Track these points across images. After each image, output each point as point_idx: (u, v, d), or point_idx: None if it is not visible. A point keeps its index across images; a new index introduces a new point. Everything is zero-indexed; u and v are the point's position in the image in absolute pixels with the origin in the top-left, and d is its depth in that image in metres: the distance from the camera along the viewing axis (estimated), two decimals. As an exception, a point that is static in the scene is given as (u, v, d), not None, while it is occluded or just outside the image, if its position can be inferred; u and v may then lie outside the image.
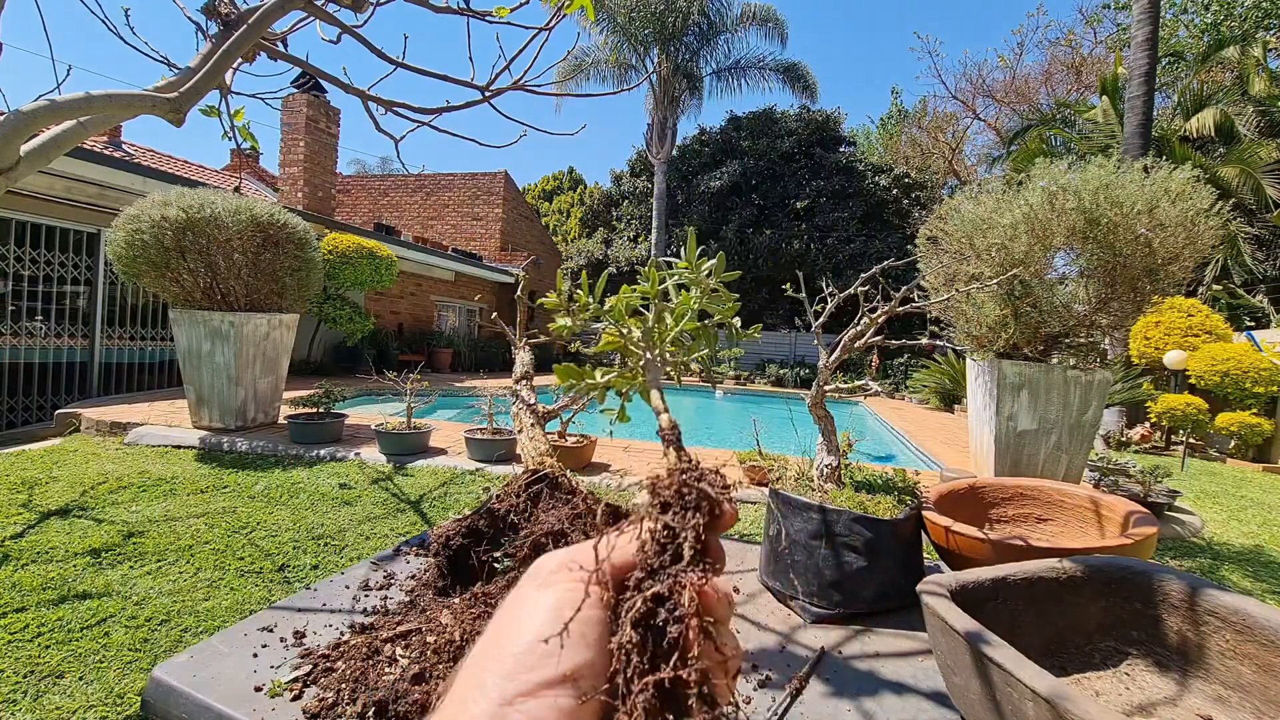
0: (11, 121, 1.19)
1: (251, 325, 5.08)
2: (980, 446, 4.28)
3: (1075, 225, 3.53)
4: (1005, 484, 1.88)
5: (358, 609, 1.34)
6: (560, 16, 2.01)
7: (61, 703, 1.73)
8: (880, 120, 30.63)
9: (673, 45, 17.72)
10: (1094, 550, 1.31)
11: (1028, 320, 3.82)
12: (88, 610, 2.20)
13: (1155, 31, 8.52)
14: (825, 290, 2.10)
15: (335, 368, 10.70)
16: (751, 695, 1.09)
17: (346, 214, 18.64)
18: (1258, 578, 3.12)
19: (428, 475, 4.13)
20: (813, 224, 19.83)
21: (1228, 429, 7.03)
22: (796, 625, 1.42)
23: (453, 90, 2.12)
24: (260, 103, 2.25)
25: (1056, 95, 21.61)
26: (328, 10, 1.73)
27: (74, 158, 6.39)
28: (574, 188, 31.61)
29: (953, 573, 1.12)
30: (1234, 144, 12.55)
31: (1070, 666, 1.11)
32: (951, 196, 4.83)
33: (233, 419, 5.08)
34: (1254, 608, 0.98)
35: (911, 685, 1.15)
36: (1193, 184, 3.46)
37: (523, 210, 19.62)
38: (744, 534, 3.26)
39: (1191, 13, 18.77)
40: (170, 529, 2.99)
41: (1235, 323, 11.48)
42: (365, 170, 35.10)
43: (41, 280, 6.73)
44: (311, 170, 11.36)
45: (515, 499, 1.54)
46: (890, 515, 1.52)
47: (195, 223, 4.83)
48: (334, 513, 3.35)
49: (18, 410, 6.52)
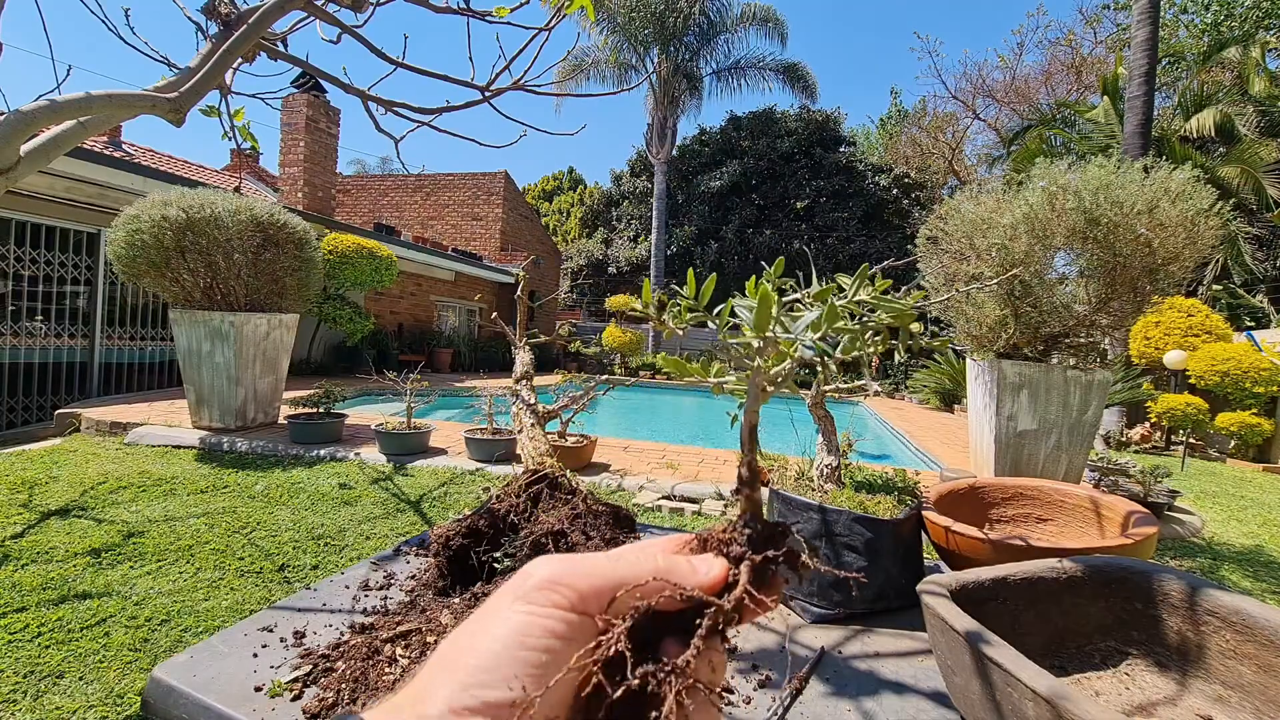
0: (11, 121, 1.19)
1: (251, 325, 5.08)
2: (980, 446, 4.28)
3: (1075, 225, 3.53)
4: (1005, 484, 1.88)
5: (358, 609, 1.34)
6: (560, 16, 2.01)
7: (61, 703, 1.73)
8: (880, 120, 30.63)
9: (673, 45, 17.72)
10: (1094, 550, 1.31)
11: (1028, 320, 3.82)
12: (88, 610, 2.20)
13: (1155, 32, 8.52)
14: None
15: (335, 368, 10.70)
16: (751, 695, 1.09)
17: (346, 214, 18.63)
18: (1258, 578, 3.12)
19: (428, 475, 4.13)
20: (813, 224, 19.83)
21: (1228, 429, 7.03)
22: (796, 625, 1.42)
23: (453, 90, 2.12)
24: (260, 103, 2.25)
25: (1056, 95, 21.59)
26: (328, 10, 1.73)
27: (74, 158, 6.39)
28: (574, 188, 31.61)
29: (953, 573, 1.12)
30: (1234, 144, 12.55)
31: (1070, 666, 1.11)
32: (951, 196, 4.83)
33: (233, 419, 5.08)
34: (1254, 608, 0.98)
35: (911, 685, 1.15)
36: (1193, 184, 3.46)
37: (523, 210, 19.61)
38: (744, 534, 3.26)
39: (1191, 13, 18.77)
40: (170, 529, 2.99)
41: (1235, 323, 11.49)
42: (365, 170, 35.11)
43: (41, 280, 6.73)
44: (311, 170, 11.36)
45: (515, 499, 1.54)
46: (890, 515, 1.52)
47: (195, 223, 4.83)
48: (334, 513, 3.35)
49: (18, 410, 6.52)
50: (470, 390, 9.37)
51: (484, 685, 0.25)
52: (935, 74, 30.20)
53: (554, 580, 0.29)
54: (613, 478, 4.24)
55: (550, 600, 0.28)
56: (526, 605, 0.28)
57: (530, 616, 0.27)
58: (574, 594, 0.28)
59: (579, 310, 24.06)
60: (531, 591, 0.28)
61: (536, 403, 2.67)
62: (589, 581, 0.29)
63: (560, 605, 0.28)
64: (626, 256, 22.22)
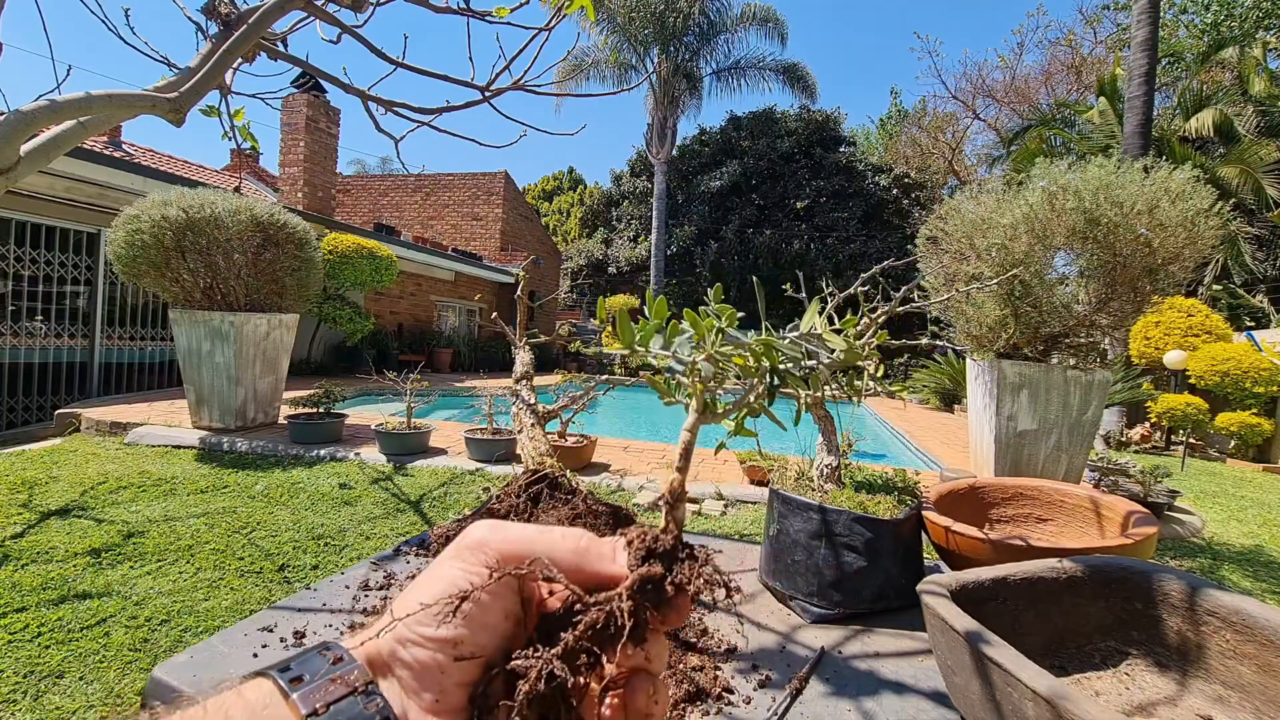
0: (11, 121, 1.19)
1: (251, 325, 5.08)
2: (980, 446, 4.28)
3: (1075, 225, 3.52)
4: (1005, 484, 1.88)
5: (357, 609, 1.34)
6: (560, 17, 2.01)
7: (61, 703, 1.73)
8: (880, 120, 30.63)
9: (673, 45, 17.73)
10: (1094, 550, 1.31)
11: (1028, 320, 3.82)
12: (88, 610, 2.20)
13: (1155, 32, 8.52)
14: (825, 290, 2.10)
15: (335, 368, 10.70)
16: (752, 695, 1.09)
17: (346, 214, 18.63)
18: (1258, 578, 3.12)
19: (428, 475, 4.13)
20: (813, 224, 19.83)
21: (1228, 429, 7.03)
22: (796, 625, 1.42)
23: (453, 90, 2.12)
24: (260, 103, 2.25)
25: (1056, 95, 21.60)
26: (328, 10, 1.73)
27: (74, 158, 6.39)
28: (574, 188, 31.61)
29: (953, 573, 1.12)
30: (1234, 144, 12.55)
31: (1070, 666, 1.11)
32: (951, 196, 4.83)
33: (233, 419, 5.08)
34: (1254, 608, 0.98)
35: (911, 685, 1.15)
36: (1193, 184, 3.45)
37: (523, 210, 19.61)
38: (744, 534, 3.26)
39: (1191, 13, 18.77)
40: (170, 529, 2.99)
41: (1235, 323, 11.48)
42: (365, 170, 35.10)
43: (41, 280, 6.73)
44: (311, 170, 11.36)
45: (515, 499, 1.54)
46: (890, 515, 1.52)
47: (195, 223, 4.83)
48: (334, 513, 3.35)
49: (18, 410, 6.52)
50: (470, 390, 9.37)
51: (422, 623, 0.31)
52: (935, 74, 30.22)
53: (482, 542, 0.34)
54: (613, 478, 4.24)
55: (479, 560, 0.33)
56: (460, 563, 0.33)
57: (461, 571, 0.33)
58: (497, 555, 0.33)
59: (579, 310, 24.06)
60: (463, 550, 0.34)
61: (536, 403, 2.67)
62: (511, 547, 0.34)
63: (486, 564, 0.33)
64: (626, 256, 22.22)
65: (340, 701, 0.29)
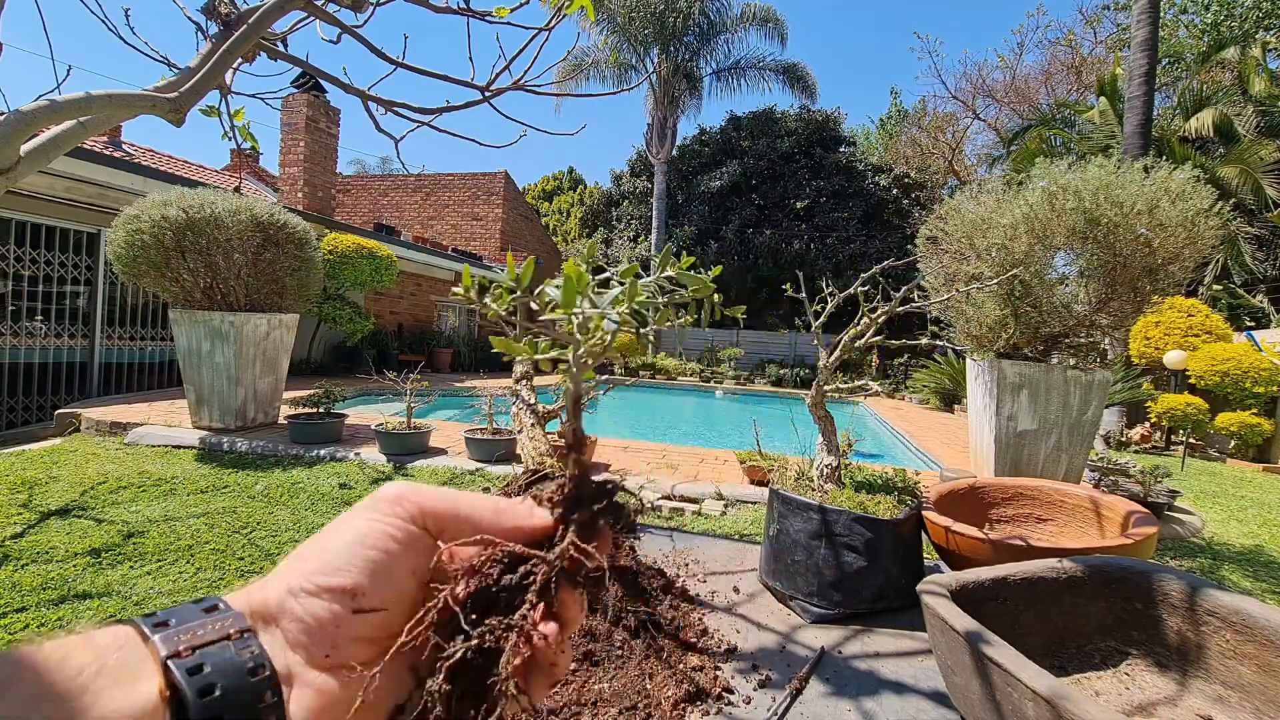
0: (11, 121, 1.19)
1: (251, 325, 5.08)
2: (980, 446, 4.28)
3: (1075, 225, 3.53)
4: (1005, 484, 1.88)
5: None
6: (560, 17, 2.01)
7: (61, 703, 1.73)
8: (880, 120, 30.62)
9: (673, 45, 17.72)
10: (1094, 550, 1.31)
11: (1028, 320, 3.82)
12: (88, 610, 2.20)
13: (1155, 32, 8.52)
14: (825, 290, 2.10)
15: (335, 368, 10.70)
16: (752, 695, 1.09)
17: (346, 214, 18.63)
18: (1258, 578, 3.12)
19: (428, 475, 4.13)
20: (813, 224, 19.82)
21: (1228, 429, 7.03)
22: (796, 625, 1.42)
23: (453, 90, 2.12)
24: (260, 103, 2.25)
25: (1056, 95, 21.59)
26: (328, 10, 1.73)
27: (74, 158, 6.38)
28: (574, 188, 31.60)
29: (953, 573, 1.12)
30: (1234, 144, 12.54)
31: (1070, 666, 1.11)
32: (951, 196, 4.83)
33: (233, 419, 5.08)
34: (1254, 608, 0.98)
35: (911, 685, 1.15)
36: (1193, 184, 3.46)
37: (523, 210, 19.61)
38: (744, 534, 3.26)
39: (1191, 13, 18.77)
40: (170, 529, 2.99)
41: (1235, 323, 11.48)
42: (365, 170, 35.09)
43: (41, 280, 6.72)
44: (311, 170, 11.35)
45: (515, 499, 1.54)
46: (890, 515, 1.52)
47: (195, 223, 4.83)
48: (334, 513, 3.34)
49: (18, 410, 6.52)
50: (470, 390, 9.38)
51: (323, 573, 0.30)
52: (935, 74, 30.20)
53: (401, 495, 0.33)
54: (612, 478, 4.24)
55: (394, 511, 0.32)
56: (372, 513, 0.32)
57: (372, 523, 0.31)
58: (415, 508, 0.32)
59: (579, 310, 24.01)
60: (378, 503, 0.33)
61: (536, 403, 2.67)
62: (431, 501, 0.33)
63: (401, 516, 0.32)
64: (627, 256, 22.20)
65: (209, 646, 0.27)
